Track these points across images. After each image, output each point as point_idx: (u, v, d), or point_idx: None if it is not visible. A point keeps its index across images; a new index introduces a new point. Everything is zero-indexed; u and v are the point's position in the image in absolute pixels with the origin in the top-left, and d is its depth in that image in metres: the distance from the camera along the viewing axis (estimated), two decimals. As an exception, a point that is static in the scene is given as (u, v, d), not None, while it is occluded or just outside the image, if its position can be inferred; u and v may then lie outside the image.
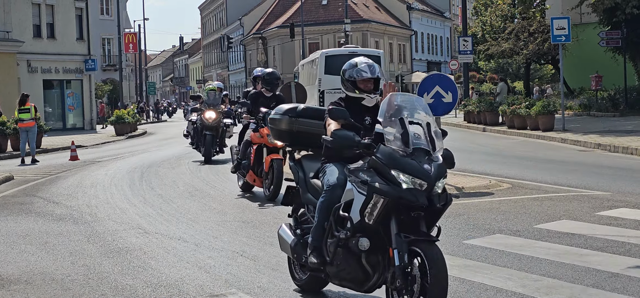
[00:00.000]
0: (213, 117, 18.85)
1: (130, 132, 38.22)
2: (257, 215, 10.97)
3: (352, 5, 70.19)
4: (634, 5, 30.10)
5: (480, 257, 7.68)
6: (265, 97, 13.20)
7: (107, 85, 61.86)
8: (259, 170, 12.57)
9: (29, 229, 10.52)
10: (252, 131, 12.92)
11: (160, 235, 9.66)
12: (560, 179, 13.67)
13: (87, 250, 8.89)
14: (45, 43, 43.23)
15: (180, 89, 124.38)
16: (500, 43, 41.73)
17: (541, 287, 6.48)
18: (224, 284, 7.03)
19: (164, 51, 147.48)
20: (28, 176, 18.33)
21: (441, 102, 13.25)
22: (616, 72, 33.65)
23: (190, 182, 15.30)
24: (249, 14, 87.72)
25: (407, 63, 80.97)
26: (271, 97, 13.17)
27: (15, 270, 7.98)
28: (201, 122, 19.04)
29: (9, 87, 38.25)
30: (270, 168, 12.15)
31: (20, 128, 23.00)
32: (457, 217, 9.99)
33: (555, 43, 26.80)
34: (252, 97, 13.37)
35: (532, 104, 26.41)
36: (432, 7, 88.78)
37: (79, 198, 13.55)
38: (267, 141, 12.25)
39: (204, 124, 18.90)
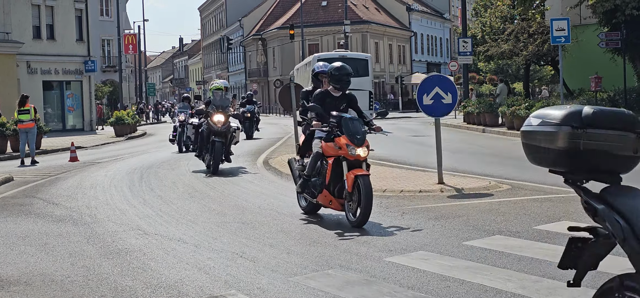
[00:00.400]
0: (222, 120, 16.64)
1: (129, 133, 38.24)
2: (256, 216, 10.97)
3: (352, 7, 70.22)
4: (633, 6, 30.11)
5: (479, 258, 7.68)
6: (333, 97, 10.72)
7: (107, 87, 61.86)
8: (336, 189, 10.10)
9: (28, 230, 10.51)
10: (323, 141, 10.33)
11: (160, 236, 9.66)
12: (560, 180, 13.62)
13: (87, 251, 8.89)
14: (45, 44, 43.24)
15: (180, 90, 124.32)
16: (499, 44, 41.73)
17: (541, 289, 6.48)
18: (223, 285, 7.03)
19: (164, 52, 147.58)
20: (28, 177, 18.33)
21: (441, 103, 13.24)
22: (616, 73, 33.65)
23: (189, 183, 15.30)
24: (249, 15, 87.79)
25: (407, 64, 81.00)
26: (341, 98, 10.73)
27: (15, 271, 7.97)
28: (208, 127, 16.75)
29: (9, 88, 38.27)
30: (354, 187, 9.70)
31: (20, 129, 23.00)
32: (456, 218, 10.00)
33: (554, 44, 26.82)
34: (317, 98, 10.71)
35: (532, 105, 26.43)
36: (431, 8, 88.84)
37: (78, 200, 13.55)
38: (347, 153, 9.86)
39: (212, 128, 16.60)
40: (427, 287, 6.67)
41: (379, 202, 11.73)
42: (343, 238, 9.05)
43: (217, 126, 16.67)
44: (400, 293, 6.53)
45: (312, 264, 7.71)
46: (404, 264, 7.55)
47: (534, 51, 39.42)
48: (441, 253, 8.00)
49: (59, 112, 45.04)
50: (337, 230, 9.60)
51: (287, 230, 9.72)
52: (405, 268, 7.38)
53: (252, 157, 20.86)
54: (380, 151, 21.66)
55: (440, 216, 10.23)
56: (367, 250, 8.30)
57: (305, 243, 8.81)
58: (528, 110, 26.04)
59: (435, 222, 9.80)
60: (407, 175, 14.75)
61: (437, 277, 7.01)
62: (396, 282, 6.91)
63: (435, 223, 9.71)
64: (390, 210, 10.99)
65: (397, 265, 7.51)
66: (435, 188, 12.74)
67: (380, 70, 75.54)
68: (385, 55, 76.25)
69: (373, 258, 7.89)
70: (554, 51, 37.52)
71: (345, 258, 7.92)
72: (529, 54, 39.80)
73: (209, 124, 16.80)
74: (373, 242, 8.74)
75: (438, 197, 12.00)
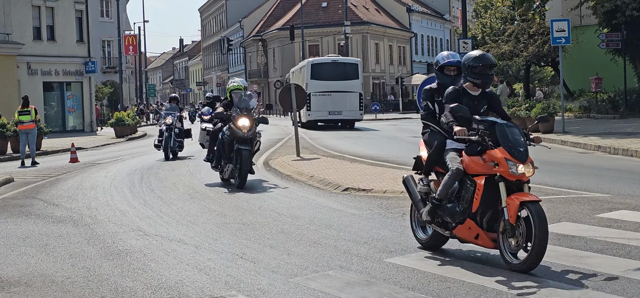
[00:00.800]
0: (248, 125, 14.22)
1: (130, 134, 38.24)
2: (257, 217, 10.97)
3: (352, 8, 70.23)
4: (633, 7, 30.13)
5: (480, 260, 7.68)
6: (471, 96, 7.90)
7: (107, 87, 61.91)
8: (486, 220, 7.49)
9: (29, 231, 10.52)
10: (465, 154, 7.69)
11: (160, 237, 9.66)
12: (560, 181, 13.66)
13: (87, 252, 8.89)
14: (45, 45, 43.24)
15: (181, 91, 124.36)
16: (500, 45, 41.78)
17: (541, 289, 6.48)
18: (223, 286, 7.03)
19: (164, 53, 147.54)
20: (28, 178, 18.34)
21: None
22: (616, 74, 33.68)
23: (190, 184, 15.30)
24: (249, 16, 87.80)
25: (407, 65, 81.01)
26: (480, 97, 7.95)
27: (15, 272, 7.98)
28: (231, 133, 14.39)
29: (9, 89, 38.29)
30: (518, 219, 7.15)
31: (20, 130, 23.01)
32: (457, 219, 9.99)
33: (555, 45, 26.80)
34: (452, 98, 7.85)
35: (533, 105, 26.42)
36: (432, 9, 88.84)
37: (79, 201, 13.55)
38: (507, 171, 7.20)
39: (237, 134, 14.21)
40: (428, 288, 6.68)
41: (380, 203, 11.74)
42: (343, 239, 9.05)
43: (243, 132, 14.17)
44: (400, 294, 6.53)
45: (313, 265, 7.71)
46: (404, 265, 7.55)
47: (534, 52, 39.46)
48: (441, 254, 8.00)
49: (59, 113, 45.04)
50: (338, 230, 9.60)
51: (287, 231, 9.73)
52: (405, 269, 7.39)
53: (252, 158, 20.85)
54: (381, 152, 21.66)
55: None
56: (367, 251, 8.31)
57: (305, 244, 8.81)
58: (528, 111, 26.02)
59: (435, 223, 9.79)
60: (408, 176, 14.73)
61: (437, 277, 7.02)
62: (396, 282, 6.92)
63: (436, 224, 9.70)
64: (391, 211, 11.00)
65: (398, 266, 7.52)
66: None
67: (380, 71, 75.55)
68: (385, 56, 76.27)
69: (373, 259, 7.89)
70: (554, 52, 37.54)
71: (345, 259, 7.92)
72: (529, 55, 39.84)
73: (233, 129, 14.28)
74: (373, 243, 8.74)
75: (438, 198, 11.98)
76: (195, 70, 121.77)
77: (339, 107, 36.29)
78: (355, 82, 36.91)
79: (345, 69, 37.46)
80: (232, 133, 14.33)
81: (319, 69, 36.99)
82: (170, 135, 21.50)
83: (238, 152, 14.15)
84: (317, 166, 17.18)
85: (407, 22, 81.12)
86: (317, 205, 11.89)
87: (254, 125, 14.44)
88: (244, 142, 14.21)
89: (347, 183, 13.85)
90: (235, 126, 14.26)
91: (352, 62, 38.88)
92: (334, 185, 13.81)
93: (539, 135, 9.14)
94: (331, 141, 26.78)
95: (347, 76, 36.98)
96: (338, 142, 26.18)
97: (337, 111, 36.30)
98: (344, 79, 36.71)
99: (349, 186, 13.55)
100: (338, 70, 37.23)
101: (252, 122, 14.39)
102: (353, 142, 26.23)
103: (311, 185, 14.33)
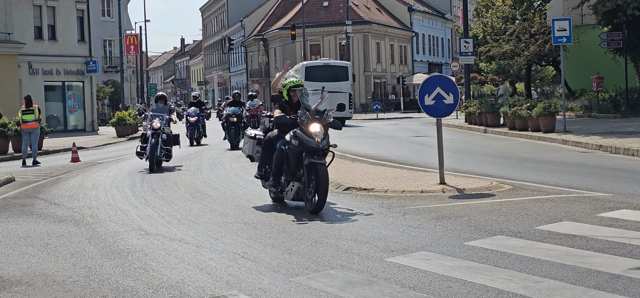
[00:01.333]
0: (320, 131, 11.19)
1: (131, 134, 38.25)
2: (258, 216, 10.96)
3: (353, 7, 70.21)
4: (635, 6, 30.12)
5: (481, 259, 7.68)
6: None
7: (109, 87, 61.93)
8: None
9: (30, 231, 10.52)
10: None
11: (162, 236, 9.66)
12: (561, 180, 13.66)
13: (88, 251, 8.90)
14: (47, 45, 43.28)
15: (182, 90, 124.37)
16: (501, 44, 41.75)
17: (542, 289, 6.47)
18: (225, 286, 7.03)
19: (165, 53, 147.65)
20: (29, 178, 18.35)
21: (442, 103, 13.23)
22: (617, 73, 33.69)
23: (191, 184, 15.30)
24: (250, 16, 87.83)
25: (408, 64, 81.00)
26: None
27: (17, 271, 7.98)
28: (299, 143, 11.15)
29: (10, 88, 38.34)
30: None
31: (24, 129, 23.00)
32: (458, 218, 9.99)
33: (556, 44, 26.79)
34: None
35: (534, 105, 26.41)
36: (433, 8, 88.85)
37: (80, 200, 13.56)
38: None
39: (308, 145, 11.05)
40: (429, 288, 6.67)
41: (381, 203, 11.73)
42: (344, 238, 9.05)
43: (316, 141, 11.04)
44: (401, 293, 6.53)
45: (314, 264, 7.71)
46: (406, 264, 7.55)
47: (536, 51, 39.43)
48: (443, 254, 8.00)
49: (60, 112, 45.07)
50: (339, 230, 9.60)
51: (288, 230, 9.72)
52: (406, 269, 7.38)
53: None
54: (382, 151, 21.66)
55: (442, 216, 10.23)
56: (368, 250, 8.30)
57: (306, 243, 8.81)
58: (529, 110, 26.01)
59: (436, 223, 9.80)
60: (409, 176, 14.75)
61: (438, 277, 7.01)
62: (398, 282, 6.91)
63: (437, 224, 9.71)
64: (392, 210, 10.99)
65: (399, 266, 7.51)
66: (436, 188, 12.73)
67: (381, 71, 75.53)
68: (386, 56, 76.26)
69: (374, 258, 7.89)
70: (555, 51, 37.53)
71: (346, 259, 7.92)
72: (530, 54, 39.80)
73: (302, 138, 11.11)
74: (374, 242, 8.74)
75: (439, 198, 11.99)
76: (196, 69, 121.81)
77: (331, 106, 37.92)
78: (346, 83, 40.76)
79: (336, 71, 41.31)
80: (300, 143, 11.14)
81: (313, 71, 40.27)
82: (157, 142, 18.38)
83: (311, 167, 11.05)
84: (319, 165, 17.15)
85: (408, 21, 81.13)
86: (319, 204, 11.87)
87: (327, 132, 11.45)
88: (318, 153, 11.18)
89: (349, 183, 13.85)
90: (306, 134, 11.11)
91: (343, 65, 43.11)
92: (335, 184, 13.81)
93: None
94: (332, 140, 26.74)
95: (338, 78, 40.52)
96: (339, 142, 26.10)
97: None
98: (335, 80, 39.95)
99: (350, 185, 13.56)
100: (329, 73, 40.75)
101: (326, 128, 11.41)
102: (354, 142, 26.23)
103: (312, 185, 14.30)
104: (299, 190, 11.46)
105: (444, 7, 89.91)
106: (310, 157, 11.13)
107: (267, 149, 11.93)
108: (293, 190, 11.58)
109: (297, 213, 11.09)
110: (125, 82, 59.71)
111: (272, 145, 11.79)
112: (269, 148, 11.87)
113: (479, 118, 32.02)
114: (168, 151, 18.80)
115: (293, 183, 11.54)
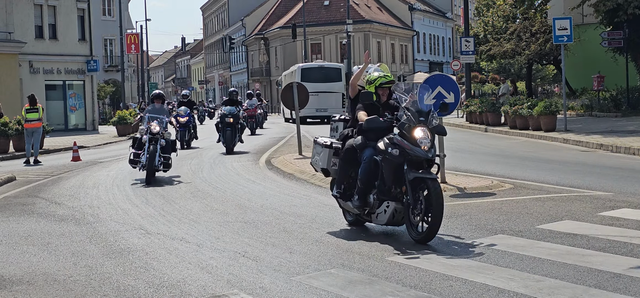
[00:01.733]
0: (427, 138, 8.75)
1: (132, 133, 38.23)
2: (259, 215, 10.97)
3: (354, 6, 70.17)
4: (635, 5, 30.10)
5: (482, 258, 7.68)
6: None
7: (109, 86, 61.92)
8: None
9: (31, 230, 10.53)
10: None
11: (162, 235, 9.66)
12: (562, 180, 13.65)
13: (89, 250, 8.90)
14: (47, 44, 43.29)
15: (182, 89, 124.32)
16: (502, 43, 41.73)
17: (543, 288, 6.47)
18: (226, 285, 7.03)
19: (166, 52, 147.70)
20: (30, 177, 18.35)
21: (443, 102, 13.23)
22: (618, 72, 33.64)
23: (192, 183, 15.29)
24: (251, 15, 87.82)
25: (409, 63, 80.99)
26: None
27: (18, 270, 7.98)
28: (401, 153, 8.68)
29: (11, 88, 38.36)
30: None
31: (27, 129, 22.95)
32: (459, 217, 9.99)
33: (557, 43, 26.76)
34: None
35: (535, 104, 26.39)
36: (433, 7, 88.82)
37: (81, 199, 13.56)
38: None
39: (413, 154, 8.66)
40: (430, 286, 6.67)
41: (381, 202, 11.72)
42: (345, 238, 9.05)
43: (423, 149, 8.67)
44: (402, 292, 6.53)
45: (315, 263, 7.71)
46: (407, 263, 7.55)
47: (537, 50, 39.40)
48: (444, 253, 8.00)
49: (61, 111, 45.08)
50: (340, 229, 9.60)
51: (289, 229, 9.73)
52: (407, 268, 7.39)
53: (254, 157, 20.85)
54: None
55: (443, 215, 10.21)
56: (369, 249, 8.31)
57: (307, 242, 8.81)
58: (530, 109, 25.99)
59: (437, 222, 9.78)
60: (410, 175, 14.72)
61: (439, 276, 7.01)
62: (399, 281, 6.92)
63: (438, 223, 9.69)
64: (393, 209, 10.98)
65: (400, 265, 7.52)
66: (437, 187, 12.70)
67: (382, 70, 75.48)
68: (387, 55, 76.26)
69: (375, 257, 7.89)
70: (556, 50, 37.50)
71: (347, 258, 7.92)
72: (531, 53, 39.77)
73: (403, 146, 8.67)
74: (375, 241, 8.74)
75: (440, 197, 11.97)
76: (197, 68, 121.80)
77: (325, 105, 40.60)
78: (339, 83, 42.71)
79: (329, 73, 43.52)
80: (402, 152, 8.70)
81: (308, 73, 42.08)
82: (155, 149, 15.75)
83: (418, 182, 8.65)
84: (319, 164, 17.14)
85: (409, 20, 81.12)
86: (319, 203, 11.89)
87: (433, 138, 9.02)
88: (423, 165, 8.75)
89: (349, 182, 13.83)
90: (409, 140, 8.71)
91: (336, 67, 45.70)
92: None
93: None
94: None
95: (331, 79, 42.70)
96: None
97: (323, 108, 40.66)
98: (329, 81, 42.21)
99: (351, 184, 13.54)
100: (324, 74, 42.94)
101: (432, 134, 8.99)
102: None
103: (313, 184, 14.33)
104: (396, 212, 8.98)
105: (445, 6, 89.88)
106: (414, 170, 8.70)
107: (348, 161, 9.58)
108: (387, 212, 9.02)
109: (298, 211, 11.07)
110: (126, 81, 59.68)
111: (354, 156, 9.45)
112: (351, 159, 9.52)
113: (479, 117, 32.00)
114: (167, 160, 16.11)
115: (388, 203, 9.00)
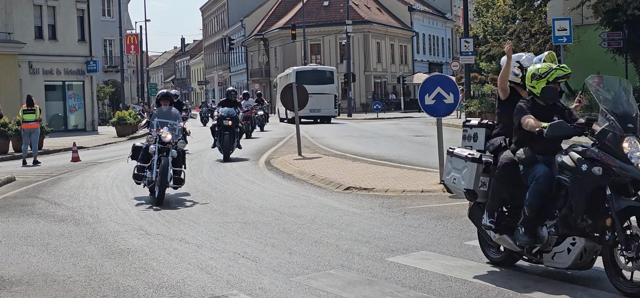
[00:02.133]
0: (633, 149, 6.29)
1: (131, 134, 38.24)
2: (258, 216, 10.96)
3: (354, 7, 70.18)
4: (635, 6, 30.13)
5: (481, 258, 7.68)
6: None
7: (109, 87, 61.90)
8: None
9: (30, 230, 10.52)
10: None
11: (162, 236, 9.66)
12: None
13: (89, 251, 8.90)
14: (47, 44, 43.27)
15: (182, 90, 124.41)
16: (501, 44, 41.78)
17: (543, 288, 6.48)
18: (225, 285, 7.03)
19: (166, 52, 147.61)
20: (30, 177, 18.35)
21: (443, 103, 13.25)
22: (618, 73, 33.63)
23: (191, 183, 15.28)
24: (250, 15, 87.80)
25: (409, 64, 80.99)
26: None
27: (17, 271, 7.98)
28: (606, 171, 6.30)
29: (11, 88, 38.32)
30: None
31: (24, 129, 22.96)
32: (458, 218, 9.99)
33: (556, 44, 26.77)
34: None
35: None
36: (433, 8, 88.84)
37: (80, 200, 13.56)
38: None
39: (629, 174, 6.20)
40: (429, 287, 6.68)
41: (381, 202, 11.73)
42: (345, 238, 9.05)
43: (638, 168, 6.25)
44: (402, 293, 6.53)
45: (314, 264, 7.71)
46: (406, 264, 7.55)
47: (536, 51, 39.45)
48: (443, 253, 8.00)
49: (61, 112, 45.07)
50: (339, 229, 9.60)
51: (289, 230, 9.73)
52: (407, 268, 7.39)
53: (254, 157, 20.84)
54: (382, 151, 21.65)
55: (442, 216, 10.23)
56: (368, 250, 8.31)
57: (307, 243, 8.81)
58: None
59: (437, 222, 9.80)
60: (409, 175, 14.75)
61: (439, 277, 7.02)
62: (398, 282, 6.92)
63: (437, 223, 9.71)
64: (392, 210, 10.99)
65: (399, 265, 7.52)
66: (437, 188, 12.73)
67: (382, 70, 75.53)
68: (387, 55, 76.25)
69: (375, 258, 7.89)
70: (555, 51, 37.54)
71: (347, 259, 7.92)
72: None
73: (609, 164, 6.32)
74: (375, 242, 8.74)
75: (440, 197, 11.99)
76: (196, 69, 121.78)
77: (318, 106, 42.17)
78: (331, 85, 45.08)
79: (323, 75, 45.56)
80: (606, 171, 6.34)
81: (302, 75, 43.34)
82: (167, 163, 12.71)
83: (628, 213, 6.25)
84: (319, 165, 17.18)
85: (408, 21, 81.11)
86: (319, 204, 11.90)
87: None
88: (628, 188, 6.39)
89: (349, 182, 13.85)
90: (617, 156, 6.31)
91: (329, 70, 47.81)
92: (336, 184, 13.82)
93: None
94: (332, 140, 26.78)
95: (325, 81, 44.66)
96: (339, 141, 26.17)
97: (316, 109, 42.36)
98: (322, 83, 43.96)
99: (350, 185, 13.56)
100: (317, 76, 44.68)
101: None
102: (354, 141, 26.23)
103: (313, 184, 14.33)
104: (585, 252, 6.60)
105: (445, 7, 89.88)
106: (624, 196, 6.30)
107: (506, 181, 7.20)
108: (573, 252, 6.61)
109: (297, 212, 11.06)
110: (126, 81, 59.69)
111: (515, 175, 7.16)
112: (510, 179, 7.18)
113: (479, 117, 32.05)
114: (178, 174, 13.15)
115: (574, 240, 6.62)
